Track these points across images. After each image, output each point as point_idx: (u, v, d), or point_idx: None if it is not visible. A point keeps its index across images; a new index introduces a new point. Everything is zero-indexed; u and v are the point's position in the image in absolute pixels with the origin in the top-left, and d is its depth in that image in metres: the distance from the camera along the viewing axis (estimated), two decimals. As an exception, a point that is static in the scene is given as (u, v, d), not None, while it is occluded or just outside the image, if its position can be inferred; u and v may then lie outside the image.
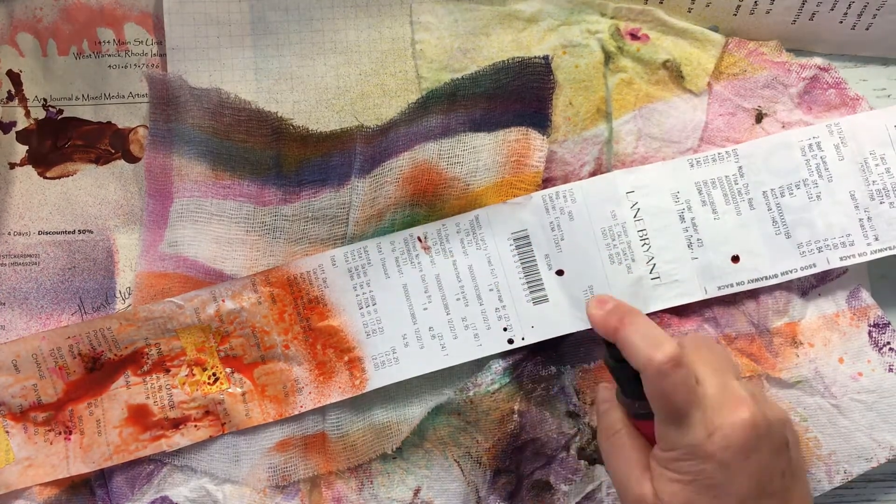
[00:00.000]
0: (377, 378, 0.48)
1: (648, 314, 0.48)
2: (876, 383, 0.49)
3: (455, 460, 0.49)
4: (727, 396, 0.37)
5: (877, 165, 0.48)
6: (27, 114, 0.51)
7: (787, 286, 0.49)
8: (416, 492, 0.49)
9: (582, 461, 0.49)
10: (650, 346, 0.37)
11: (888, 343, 0.49)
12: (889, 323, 0.49)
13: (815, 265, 0.48)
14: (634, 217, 0.48)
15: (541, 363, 0.49)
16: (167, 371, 0.49)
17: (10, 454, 0.48)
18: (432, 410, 0.49)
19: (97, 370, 0.48)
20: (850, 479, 0.48)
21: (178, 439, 0.48)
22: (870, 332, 0.49)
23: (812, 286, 0.49)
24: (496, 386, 0.48)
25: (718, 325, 0.49)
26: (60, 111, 0.51)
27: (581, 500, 0.49)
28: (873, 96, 0.51)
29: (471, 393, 0.48)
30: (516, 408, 0.48)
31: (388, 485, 0.49)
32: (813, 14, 0.50)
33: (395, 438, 0.49)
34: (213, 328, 0.48)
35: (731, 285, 0.48)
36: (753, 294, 0.49)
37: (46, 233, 0.50)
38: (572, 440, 0.49)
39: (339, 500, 0.49)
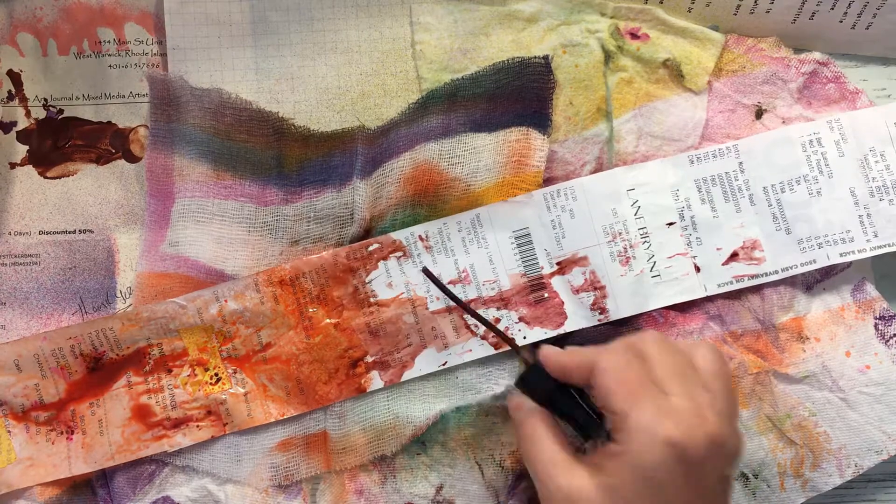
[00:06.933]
0: (380, 379, 0.48)
1: (649, 311, 0.49)
2: (884, 375, 0.49)
3: (476, 462, 0.49)
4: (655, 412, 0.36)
5: (876, 162, 0.48)
6: (27, 114, 0.50)
7: (791, 281, 0.49)
8: (439, 489, 0.49)
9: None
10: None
11: (895, 335, 0.49)
12: (895, 315, 0.49)
13: (815, 261, 0.48)
14: (635, 215, 0.49)
15: None
16: (169, 371, 0.48)
17: (12, 454, 0.48)
18: (459, 410, 0.49)
19: (99, 370, 0.48)
20: (861, 472, 0.49)
21: (180, 439, 0.48)
22: (876, 325, 0.49)
23: (817, 280, 0.50)
24: None
25: (724, 322, 0.49)
26: (61, 111, 0.51)
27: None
28: (873, 96, 0.51)
29: (504, 401, 0.48)
30: None
31: (411, 480, 0.49)
32: (813, 13, 0.50)
33: (397, 439, 0.48)
34: (215, 328, 0.48)
35: (731, 282, 0.49)
36: (758, 290, 0.49)
37: (47, 233, 0.50)
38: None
39: (362, 493, 0.49)
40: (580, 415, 0.40)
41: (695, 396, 0.37)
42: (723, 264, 0.49)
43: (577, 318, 0.48)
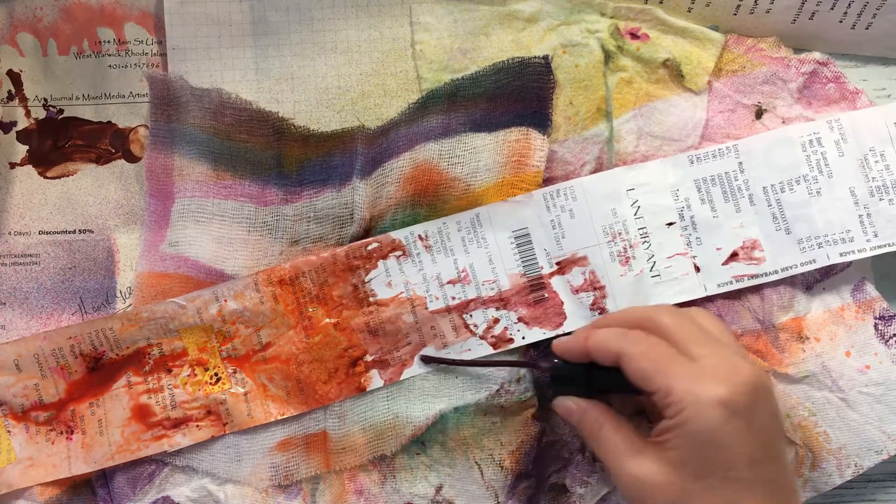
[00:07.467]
0: (380, 377, 0.48)
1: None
2: (883, 375, 0.49)
3: (476, 462, 0.49)
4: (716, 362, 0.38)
5: (876, 162, 0.48)
6: (27, 113, 0.51)
7: (791, 281, 0.49)
8: (438, 489, 0.49)
9: (597, 463, 0.48)
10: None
11: (895, 335, 0.49)
12: (895, 315, 0.49)
13: (814, 261, 0.48)
14: (635, 215, 0.49)
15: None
16: (169, 371, 0.48)
17: (12, 454, 0.48)
18: (458, 410, 0.49)
19: (99, 370, 0.48)
20: (860, 472, 0.48)
21: (180, 439, 0.48)
22: (875, 325, 0.49)
23: (816, 280, 0.50)
24: (529, 394, 0.48)
25: (723, 321, 0.49)
26: (61, 111, 0.51)
27: (597, 502, 0.49)
28: (873, 96, 0.51)
29: (502, 400, 0.48)
30: (534, 412, 0.48)
31: (410, 480, 0.49)
32: (813, 13, 0.50)
33: (396, 439, 0.48)
34: (215, 328, 0.48)
35: (731, 282, 0.49)
36: (758, 290, 0.49)
37: (47, 232, 0.50)
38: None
39: (361, 493, 0.49)
40: (623, 386, 0.41)
41: (718, 352, 0.39)
42: (722, 264, 0.49)
43: (577, 318, 0.48)
